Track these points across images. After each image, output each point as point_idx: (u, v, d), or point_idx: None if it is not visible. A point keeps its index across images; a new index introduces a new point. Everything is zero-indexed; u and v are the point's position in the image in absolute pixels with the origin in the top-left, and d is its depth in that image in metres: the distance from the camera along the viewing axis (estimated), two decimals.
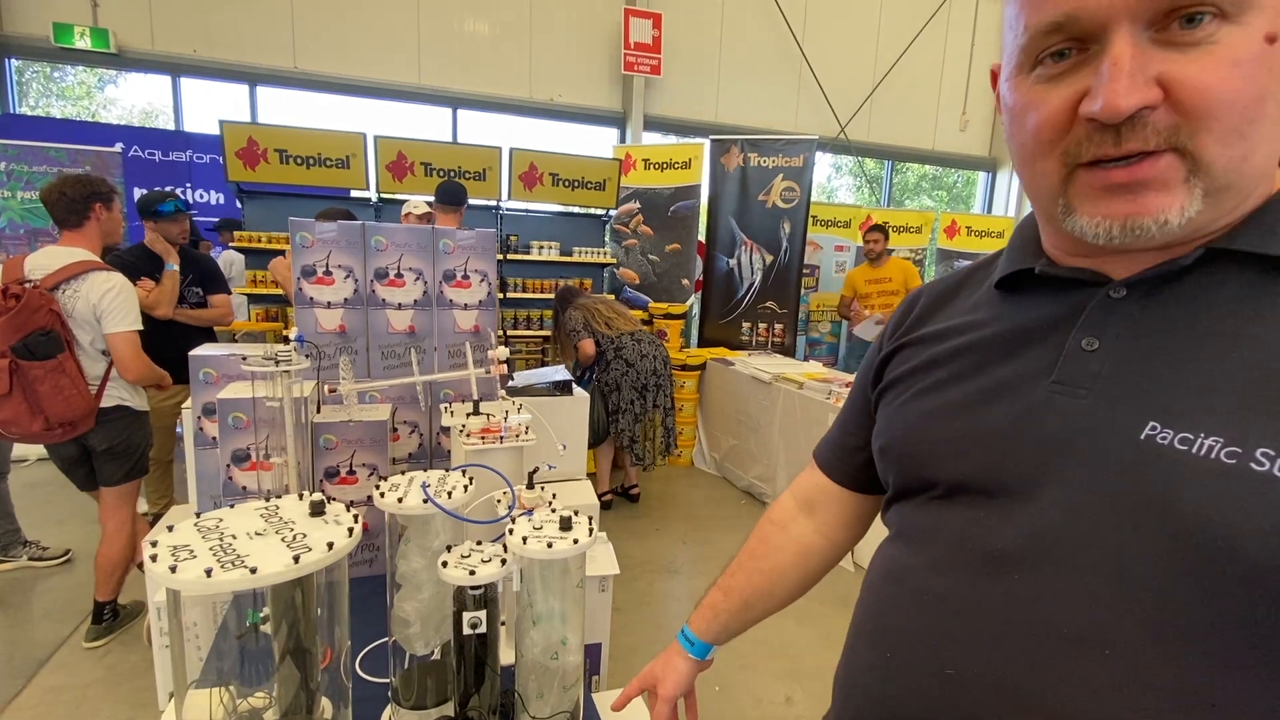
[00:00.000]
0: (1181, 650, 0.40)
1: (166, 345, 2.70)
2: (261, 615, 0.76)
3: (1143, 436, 0.43)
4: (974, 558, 0.50)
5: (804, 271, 5.50)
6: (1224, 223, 0.45)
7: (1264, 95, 0.40)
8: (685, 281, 5.35)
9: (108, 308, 2.17)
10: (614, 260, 5.23)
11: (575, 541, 0.79)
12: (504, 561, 0.80)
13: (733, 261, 5.17)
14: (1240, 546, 0.38)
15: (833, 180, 9.08)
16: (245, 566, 0.62)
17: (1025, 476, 0.48)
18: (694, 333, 5.62)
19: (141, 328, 2.26)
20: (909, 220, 6.28)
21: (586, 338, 3.52)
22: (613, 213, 5.23)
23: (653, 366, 3.57)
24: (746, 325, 5.17)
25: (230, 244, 4.39)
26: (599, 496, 2.25)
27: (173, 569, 0.61)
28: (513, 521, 0.83)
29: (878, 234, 4.77)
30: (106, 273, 2.21)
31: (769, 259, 5.12)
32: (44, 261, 2.16)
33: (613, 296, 3.88)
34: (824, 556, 0.82)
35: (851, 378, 2.43)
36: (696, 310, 5.56)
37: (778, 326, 5.18)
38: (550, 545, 0.77)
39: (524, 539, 0.78)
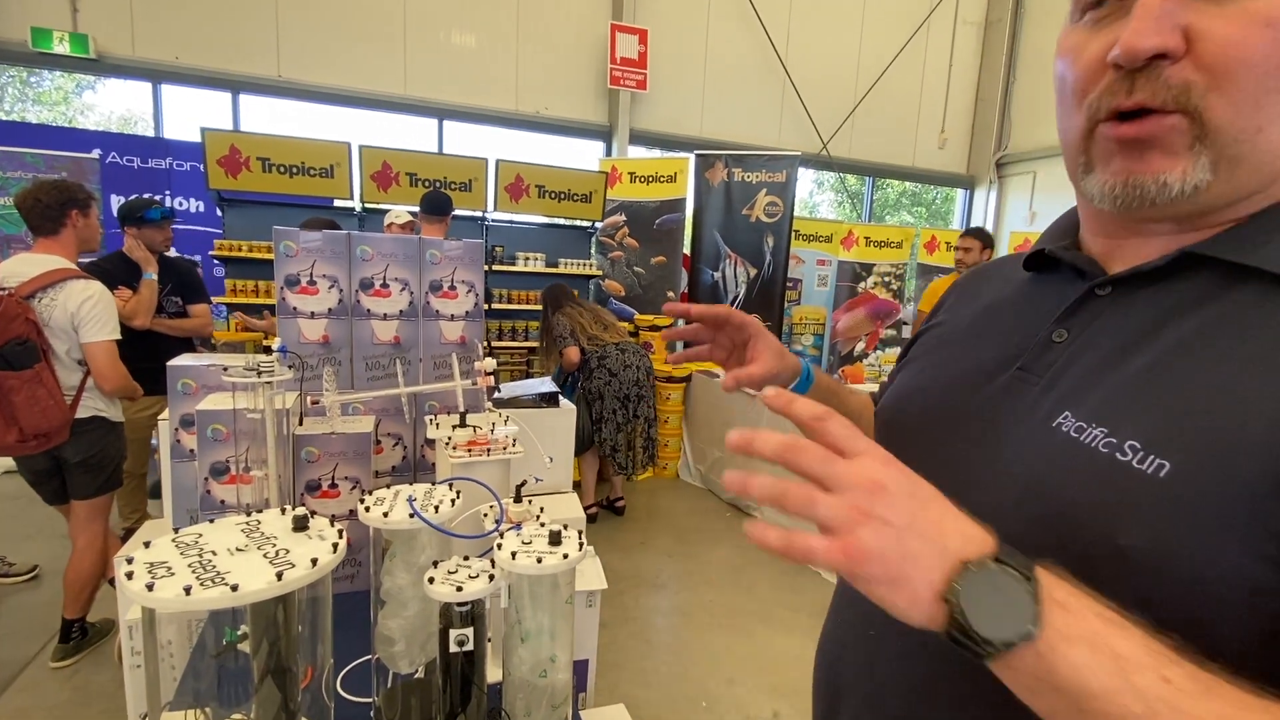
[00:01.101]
0: None
1: (144, 355, 2.64)
2: (240, 633, 0.74)
3: (1054, 424, 0.46)
4: None
5: (787, 285, 5.55)
6: (1244, 212, 0.44)
7: None
8: (670, 294, 5.37)
9: (86, 316, 2.12)
10: (600, 272, 5.23)
11: (565, 556, 0.78)
12: (492, 577, 0.79)
13: (717, 274, 5.21)
14: (1091, 523, 0.42)
15: (815, 195, 9.20)
16: (226, 584, 0.61)
17: (966, 453, 0.52)
18: (679, 344, 5.61)
19: (120, 337, 2.22)
20: (890, 235, 6.37)
21: (572, 345, 3.52)
22: (599, 225, 5.24)
23: (635, 377, 3.57)
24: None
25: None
26: (584, 510, 2.21)
27: (150, 587, 0.60)
28: (501, 536, 0.82)
29: (973, 240, 3.64)
30: (85, 281, 2.16)
31: (753, 272, 5.17)
32: (19, 269, 2.11)
33: (599, 306, 3.88)
34: None
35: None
36: (681, 323, 5.57)
37: None
38: (540, 560, 0.76)
39: (513, 554, 0.77)
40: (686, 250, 5.41)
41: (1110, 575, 0.39)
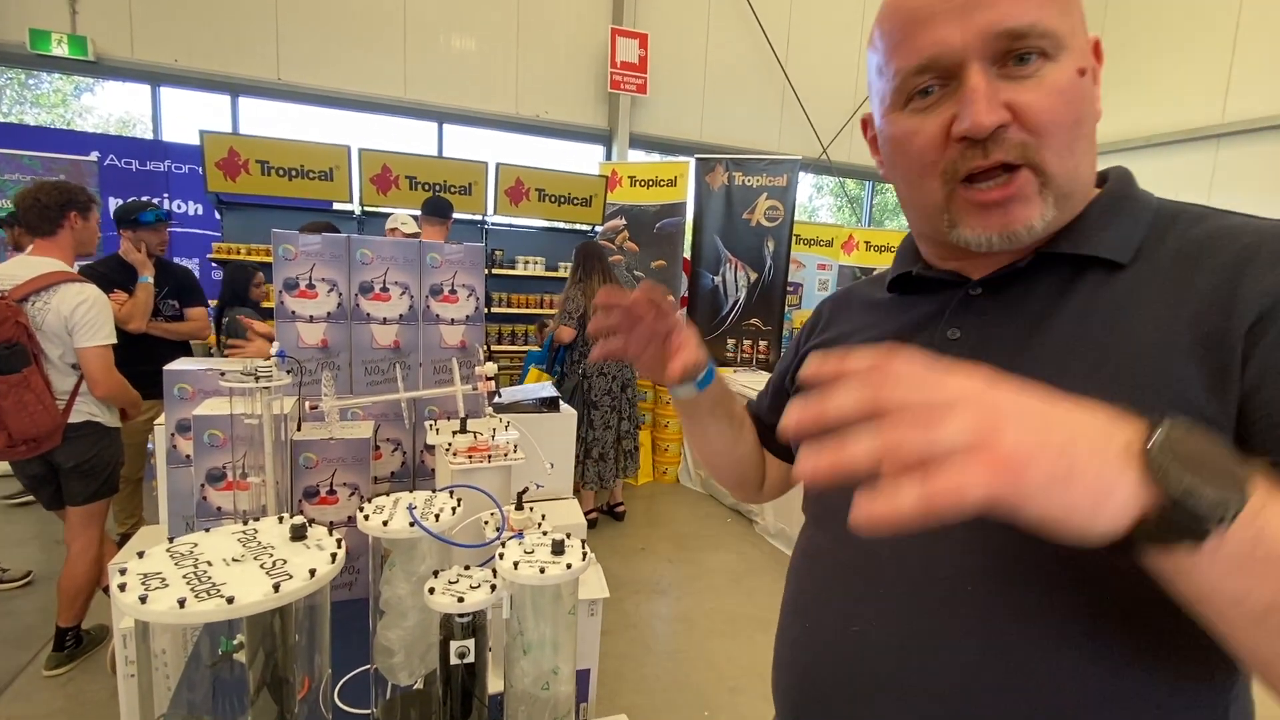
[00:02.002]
0: (1006, 586, 0.50)
1: (139, 359, 2.62)
2: (235, 643, 0.73)
3: None
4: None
5: (788, 289, 5.54)
6: (1066, 220, 0.55)
7: (1081, 116, 0.52)
8: (670, 297, 5.35)
9: (80, 321, 2.10)
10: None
11: (569, 566, 0.76)
12: (494, 587, 0.77)
13: (717, 279, 5.19)
14: None
15: (814, 200, 9.21)
16: (221, 596, 0.59)
17: None
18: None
19: (115, 342, 2.19)
20: (891, 240, 6.38)
21: (570, 326, 3.46)
22: (598, 229, 5.24)
23: (622, 380, 3.59)
24: (731, 342, 5.18)
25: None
26: (585, 515, 2.20)
27: (143, 599, 0.58)
28: (502, 545, 0.80)
29: None
30: (79, 284, 2.14)
31: (753, 276, 5.16)
32: (13, 271, 2.09)
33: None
34: (759, 470, 0.89)
35: None
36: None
37: (762, 344, 5.20)
38: (543, 570, 0.74)
39: (515, 564, 0.76)
40: (687, 254, 5.40)
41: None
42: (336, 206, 4.57)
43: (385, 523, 0.81)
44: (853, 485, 0.52)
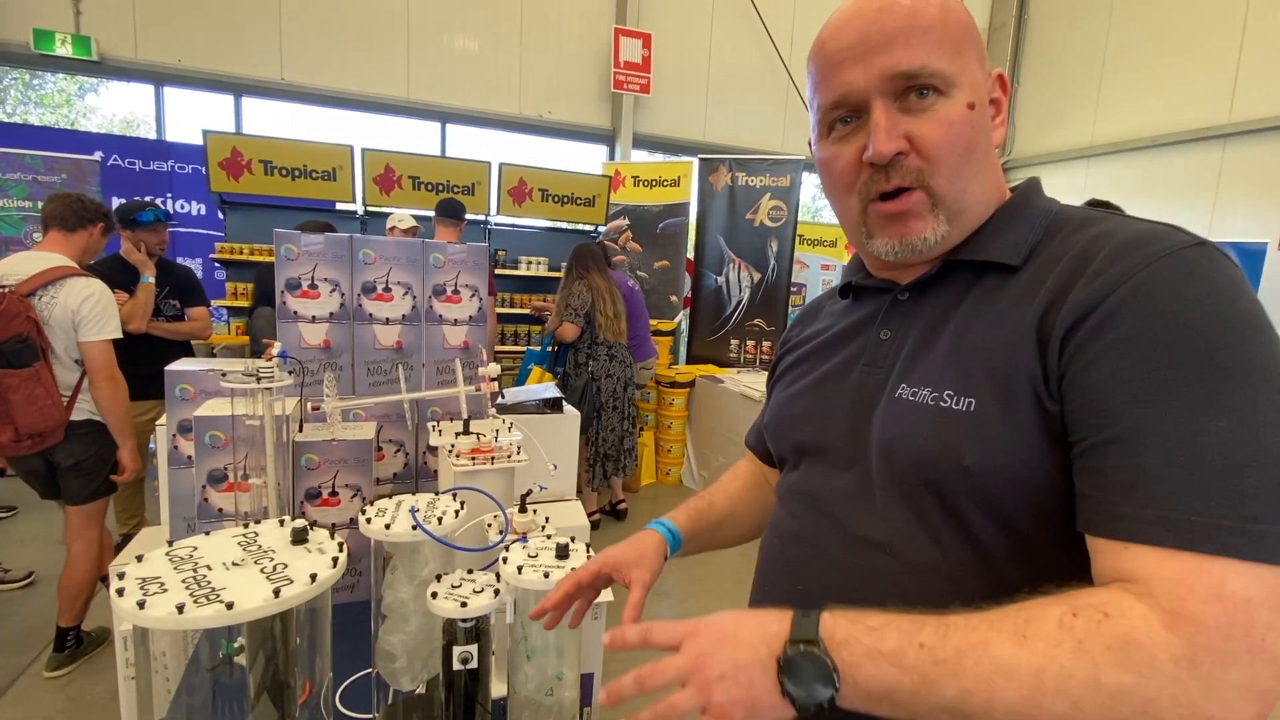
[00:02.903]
0: (917, 537, 0.59)
1: (141, 359, 2.61)
2: (236, 646, 0.72)
3: (896, 395, 0.61)
4: (812, 500, 0.68)
5: (791, 290, 5.52)
6: (967, 234, 0.62)
7: (970, 145, 0.59)
8: (674, 298, 5.35)
9: (87, 315, 2.10)
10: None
11: (573, 570, 0.75)
12: (497, 592, 0.76)
13: (721, 279, 5.18)
14: (929, 457, 0.57)
15: (817, 200, 9.18)
16: (221, 601, 0.58)
17: (838, 435, 0.66)
18: (682, 349, 5.60)
19: (120, 336, 2.19)
20: None
21: (575, 323, 3.41)
22: (602, 229, 5.22)
23: (625, 377, 3.56)
24: (735, 342, 5.16)
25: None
26: (588, 517, 2.18)
27: (141, 604, 0.57)
28: (506, 549, 0.79)
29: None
30: (85, 279, 2.14)
31: (757, 277, 5.14)
32: (18, 267, 2.09)
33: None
34: (769, 506, 0.92)
35: None
36: (685, 327, 5.55)
37: (765, 344, 5.18)
38: (547, 575, 0.73)
39: (519, 568, 0.75)
40: (690, 254, 5.39)
41: (962, 490, 0.55)
42: (339, 207, 4.56)
43: (388, 526, 0.80)
44: (804, 466, 0.71)
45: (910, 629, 0.46)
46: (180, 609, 0.56)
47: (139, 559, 0.64)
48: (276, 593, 0.60)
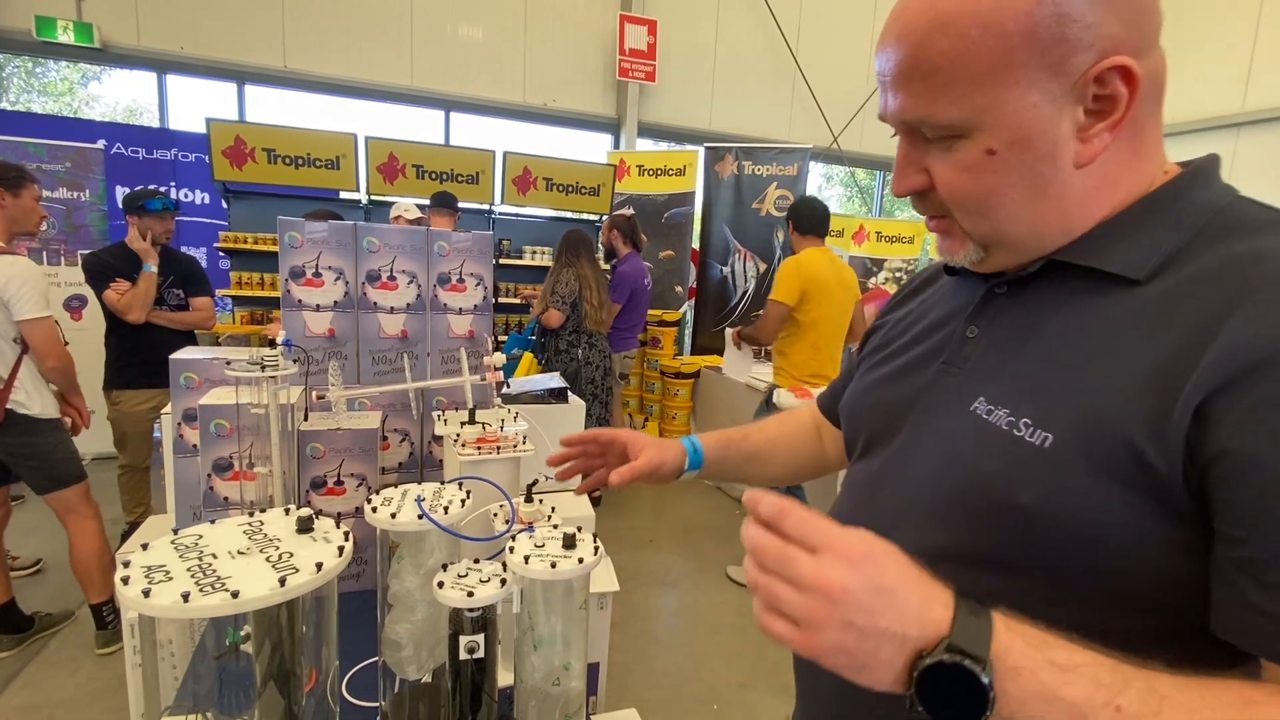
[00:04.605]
0: (968, 564, 0.51)
1: (145, 348, 2.62)
2: (242, 634, 0.71)
3: (971, 408, 0.55)
4: (872, 498, 0.64)
5: None
6: (1040, 254, 0.54)
7: (992, 190, 0.51)
8: (679, 289, 5.33)
9: (14, 296, 2.02)
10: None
11: (580, 561, 0.74)
12: (504, 582, 0.75)
13: (726, 269, 5.16)
14: (998, 488, 0.50)
15: (824, 190, 9.13)
16: (226, 590, 0.57)
17: (906, 437, 0.62)
18: (687, 340, 5.59)
19: (50, 313, 2.12)
20: (901, 230, 6.31)
21: (561, 310, 3.43)
22: (606, 218, 5.20)
23: (604, 366, 3.59)
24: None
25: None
26: (589, 496, 2.15)
27: (146, 593, 0.56)
28: (512, 539, 0.79)
29: None
30: (8, 258, 2.06)
31: (762, 267, 5.11)
32: None
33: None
34: (817, 457, 0.91)
35: None
36: (690, 317, 5.53)
37: None
38: (554, 565, 0.73)
39: (525, 558, 0.74)
40: (695, 245, 5.36)
41: (1014, 529, 0.49)
42: (343, 195, 4.55)
43: (393, 515, 0.79)
44: (867, 460, 0.68)
45: (1109, 681, 0.38)
46: (186, 597, 0.56)
47: (144, 547, 0.64)
48: (282, 581, 0.60)
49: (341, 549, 0.67)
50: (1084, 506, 0.46)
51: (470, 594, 0.73)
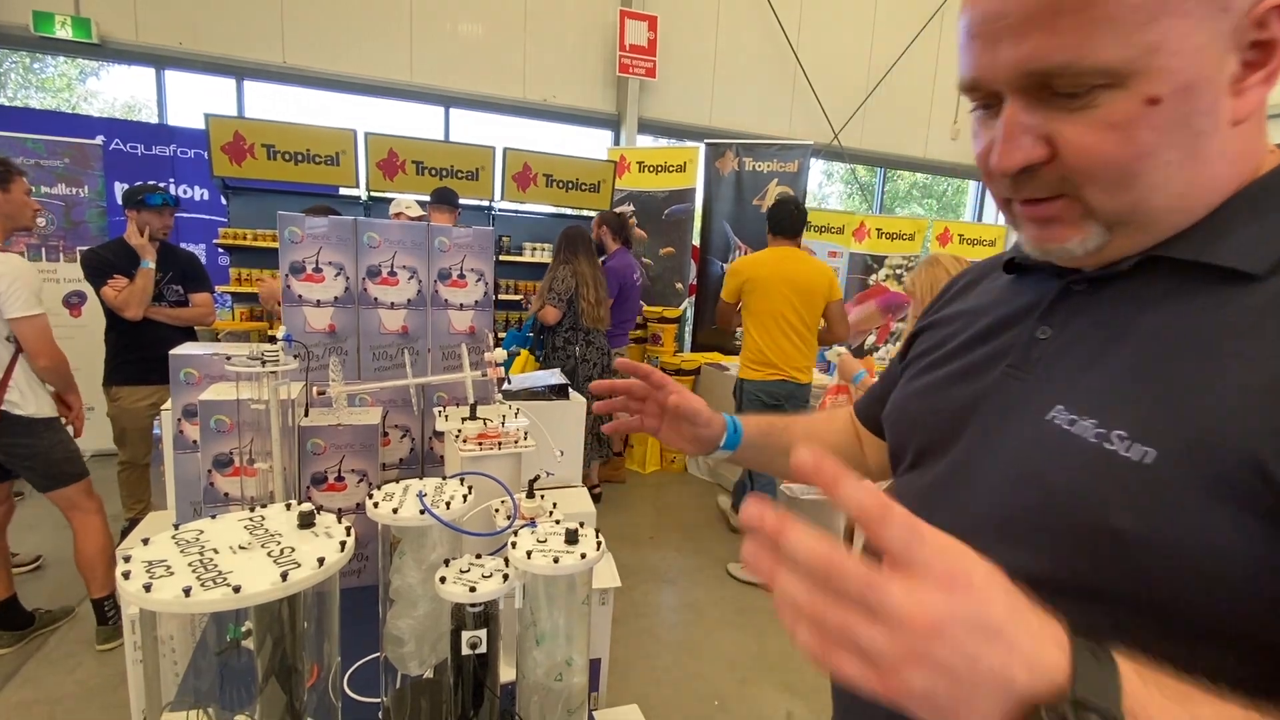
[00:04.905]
0: (1046, 592, 0.43)
1: (145, 344, 2.61)
2: (243, 629, 0.71)
3: (1047, 418, 0.49)
4: (926, 517, 0.53)
5: None
6: (1162, 237, 0.48)
7: (1146, 152, 0.43)
8: (679, 285, 5.32)
9: (3, 294, 2.00)
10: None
11: (583, 556, 0.74)
12: (506, 577, 0.75)
13: (727, 266, 5.15)
14: (1086, 509, 0.44)
15: (824, 187, 9.11)
16: (228, 585, 0.57)
17: (965, 448, 0.56)
18: (688, 337, 5.58)
19: (42, 310, 2.10)
20: (902, 227, 6.30)
21: (557, 307, 3.44)
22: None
23: (602, 364, 3.59)
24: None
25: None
26: (590, 490, 2.14)
27: (147, 587, 0.56)
28: (515, 534, 0.78)
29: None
30: (0, 255, 2.05)
31: None
32: None
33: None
34: (858, 463, 0.86)
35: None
36: (691, 314, 5.53)
37: None
38: (557, 560, 0.72)
39: (528, 553, 0.74)
40: (696, 241, 5.36)
41: (1105, 553, 0.43)
42: (343, 192, 4.54)
43: (395, 510, 0.79)
44: (919, 473, 0.61)
45: None
46: (187, 592, 0.55)
47: (145, 542, 0.63)
48: (284, 576, 0.59)
49: (343, 544, 0.67)
50: (1192, 531, 0.40)
51: (473, 589, 0.73)
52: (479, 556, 0.79)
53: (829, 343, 3.35)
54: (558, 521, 0.82)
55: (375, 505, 0.80)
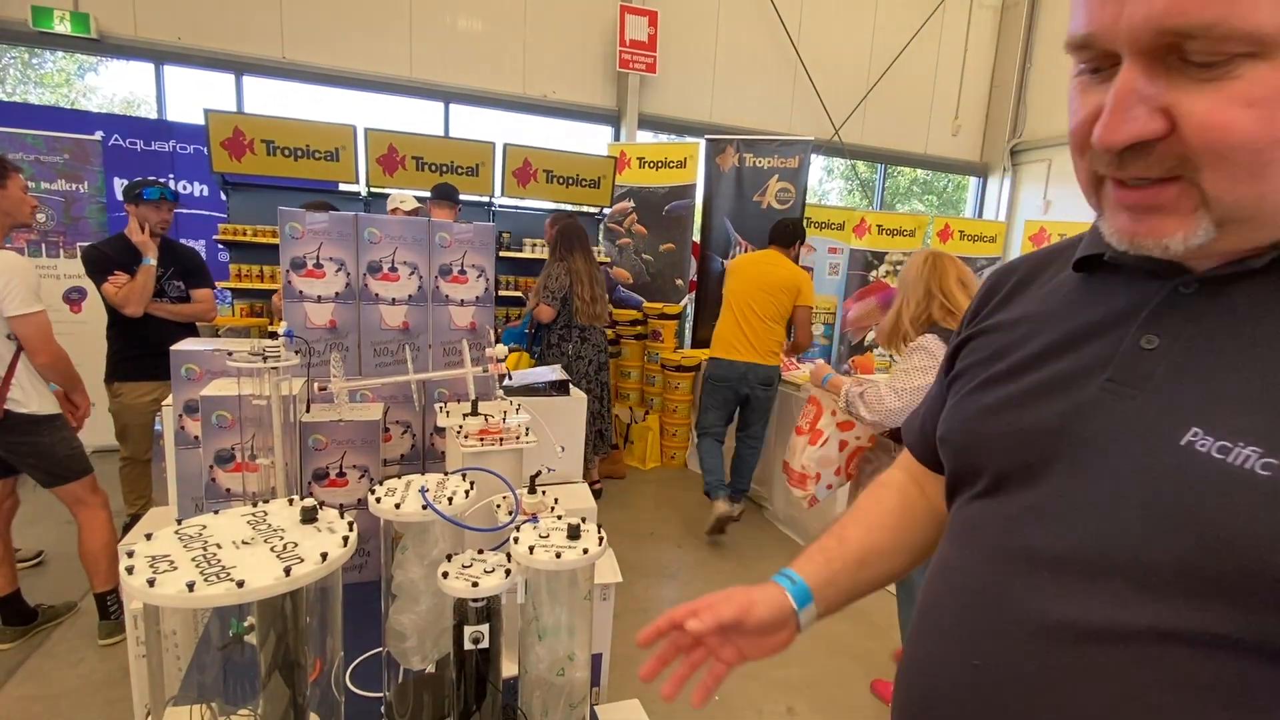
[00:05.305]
0: (1201, 648, 0.41)
1: (145, 340, 2.60)
2: (246, 625, 0.71)
3: (1183, 442, 0.42)
4: (1010, 554, 0.50)
5: None
6: (1277, 237, 0.42)
7: None
8: (679, 282, 5.32)
9: (2, 292, 1.99)
10: (608, 259, 5.18)
11: (585, 551, 0.74)
12: (508, 572, 0.75)
13: (727, 262, 5.14)
14: (1266, 556, 0.38)
15: (824, 183, 9.09)
16: (231, 580, 0.57)
17: (1065, 478, 0.48)
18: (688, 333, 5.58)
19: (41, 308, 2.09)
20: (903, 223, 6.29)
21: (551, 305, 3.44)
22: (607, 211, 5.18)
23: (599, 361, 3.61)
24: None
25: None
26: (590, 486, 2.17)
27: (151, 582, 0.56)
28: (517, 529, 0.79)
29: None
30: None
31: None
32: None
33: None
34: (934, 524, 0.73)
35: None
36: (691, 311, 5.52)
37: None
38: (559, 555, 0.73)
39: (530, 548, 0.74)
40: (696, 237, 5.35)
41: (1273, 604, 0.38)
42: (342, 187, 4.53)
43: (397, 505, 0.79)
44: (1000, 502, 0.53)
45: None
46: (191, 587, 0.56)
47: (148, 537, 0.63)
48: (287, 571, 0.59)
49: (346, 539, 0.67)
50: None
51: (475, 584, 0.73)
52: (481, 552, 0.79)
53: (795, 351, 3.59)
54: (559, 517, 0.83)
55: (378, 500, 0.80)
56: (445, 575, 0.74)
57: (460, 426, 1.10)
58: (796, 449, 2.32)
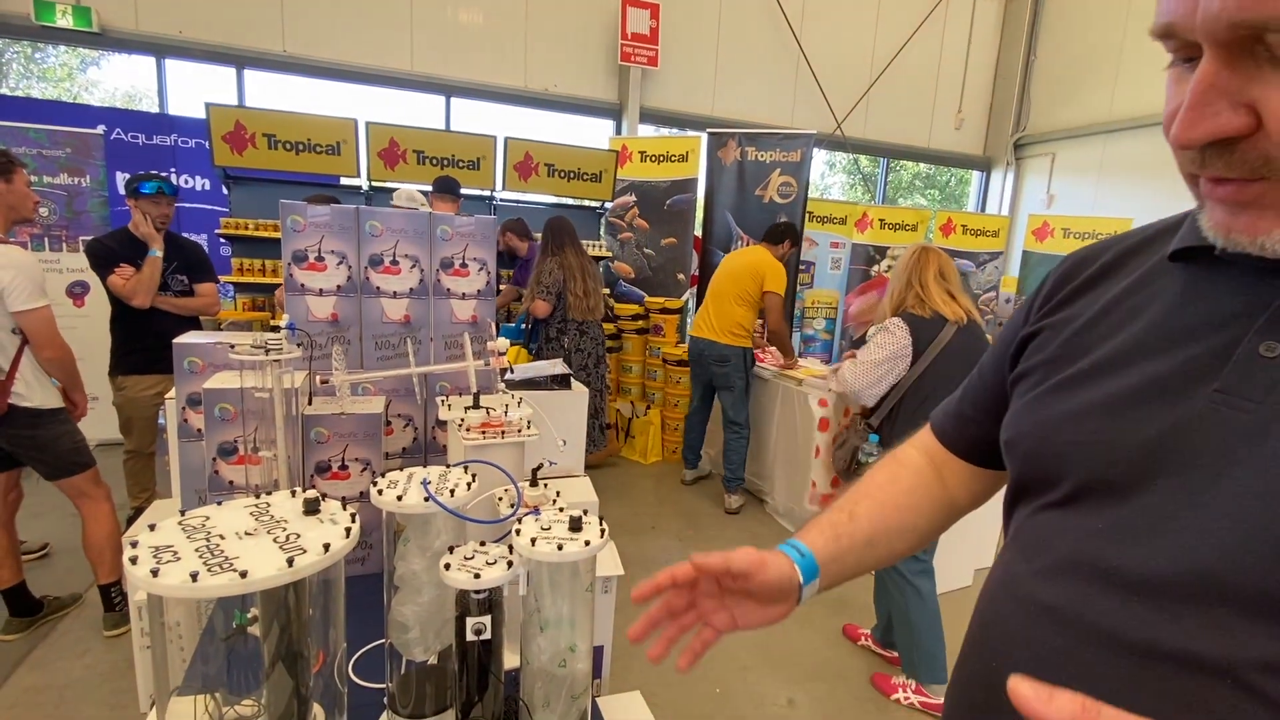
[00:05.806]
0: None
1: (148, 334, 2.61)
2: (249, 616, 0.72)
3: None
4: (1091, 571, 0.46)
5: (800, 267, 5.48)
6: None
7: None
8: (681, 276, 5.31)
9: (8, 286, 2.00)
10: (609, 254, 5.17)
11: (587, 543, 0.74)
12: (510, 564, 0.76)
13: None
14: None
15: (826, 178, 9.07)
16: (235, 570, 0.57)
17: (1167, 491, 0.44)
18: (689, 328, 5.58)
19: (46, 302, 2.10)
20: (905, 218, 6.27)
21: (547, 301, 3.46)
22: (608, 205, 5.17)
23: (596, 354, 3.64)
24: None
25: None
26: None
27: (155, 572, 0.56)
28: (519, 521, 0.79)
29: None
30: (3, 248, 2.04)
31: None
32: None
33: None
34: (945, 511, 0.71)
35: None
36: (692, 305, 5.52)
37: None
38: (561, 547, 0.73)
39: (532, 540, 0.74)
40: (698, 232, 5.34)
41: None
42: (344, 181, 4.53)
43: (400, 497, 0.79)
44: (1078, 514, 0.50)
45: None
46: (194, 577, 0.56)
47: (152, 528, 0.64)
48: (290, 562, 0.60)
49: (348, 530, 0.67)
50: None
51: (477, 576, 0.73)
52: (483, 544, 0.80)
53: (774, 341, 3.71)
54: (561, 509, 0.83)
55: (380, 492, 0.80)
56: (447, 567, 0.74)
57: (462, 420, 1.10)
58: (812, 467, 2.43)
